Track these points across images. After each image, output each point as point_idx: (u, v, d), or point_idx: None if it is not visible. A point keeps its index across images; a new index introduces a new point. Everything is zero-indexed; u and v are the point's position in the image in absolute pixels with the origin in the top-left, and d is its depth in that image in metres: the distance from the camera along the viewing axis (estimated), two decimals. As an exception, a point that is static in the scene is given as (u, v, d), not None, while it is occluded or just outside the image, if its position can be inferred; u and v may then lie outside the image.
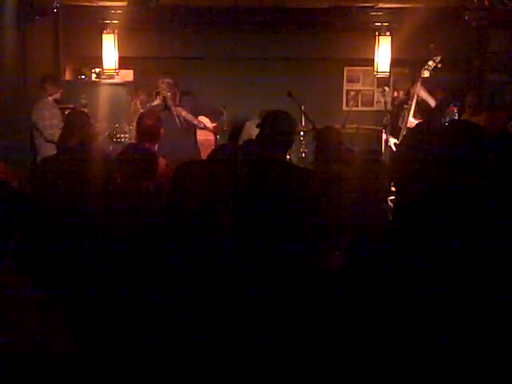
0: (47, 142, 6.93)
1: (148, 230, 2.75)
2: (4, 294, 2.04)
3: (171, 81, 6.61)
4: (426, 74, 6.81)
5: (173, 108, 6.50)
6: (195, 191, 2.57)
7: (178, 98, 6.63)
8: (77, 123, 4.43)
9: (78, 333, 2.13)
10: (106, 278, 2.52)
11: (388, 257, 2.60)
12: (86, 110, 7.04)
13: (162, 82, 6.60)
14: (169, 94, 6.53)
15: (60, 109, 7.91)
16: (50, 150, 6.87)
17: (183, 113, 6.50)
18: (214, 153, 3.99)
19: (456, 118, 7.05)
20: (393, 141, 6.86)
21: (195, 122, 6.62)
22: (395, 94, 7.26)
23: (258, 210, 3.15)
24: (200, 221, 2.51)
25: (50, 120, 6.97)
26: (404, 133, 6.59)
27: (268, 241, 2.80)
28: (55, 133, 6.82)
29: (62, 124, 6.99)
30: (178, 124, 6.42)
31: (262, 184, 3.47)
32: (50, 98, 7.18)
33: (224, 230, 2.57)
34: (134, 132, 6.99)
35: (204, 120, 6.79)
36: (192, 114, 6.62)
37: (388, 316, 2.29)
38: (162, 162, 4.74)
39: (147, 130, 4.82)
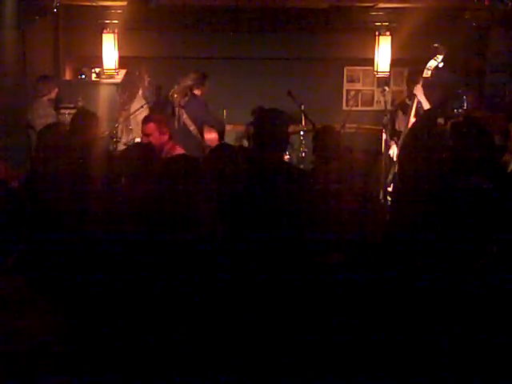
0: None
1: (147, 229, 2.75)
2: (3, 294, 2.04)
3: (191, 82, 6.73)
4: (428, 73, 6.79)
5: (176, 109, 6.60)
6: (177, 186, 2.57)
7: (184, 100, 6.71)
8: (83, 123, 4.43)
9: (77, 333, 2.14)
10: (105, 277, 2.52)
11: (386, 254, 2.61)
12: None
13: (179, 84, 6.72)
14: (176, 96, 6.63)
15: (61, 108, 7.94)
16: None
17: (184, 117, 6.58)
18: (211, 151, 3.98)
19: (463, 107, 7.03)
20: (394, 148, 6.83)
21: (191, 129, 6.69)
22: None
23: (254, 210, 3.13)
24: (181, 217, 2.51)
25: (45, 118, 7.02)
26: (405, 133, 6.58)
27: (265, 240, 2.80)
28: None
29: None
30: (176, 125, 6.51)
31: (257, 185, 3.41)
32: (45, 98, 7.21)
33: (208, 228, 2.56)
34: (136, 132, 7.03)
35: (211, 136, 6.86)
36: (196, 116, 6.69)
37: (386, 312, 2.31)
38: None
39: None
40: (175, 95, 6.69)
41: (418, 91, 6.72)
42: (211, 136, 6.99)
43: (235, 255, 2.54)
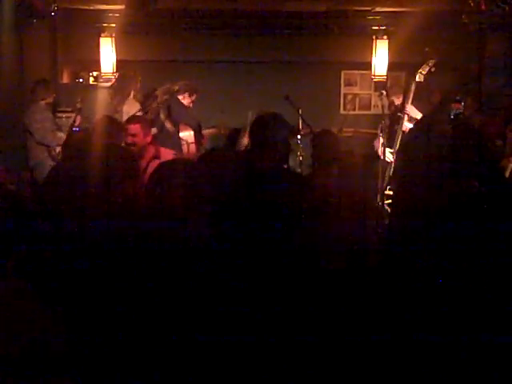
0: (38, 144, 6.97)
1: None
2: (3, 296, 2.05)
3: (177, 87, 6.86)
4: (420, 78, 6.78)
5: (154, 106, 6.75)
6: (171, 191, 2.58)
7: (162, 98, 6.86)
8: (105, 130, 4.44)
9: (77, 334, 2.14)
10: (104, 283, 2.52)
11: (386, 259, 2.62)
12: (78, 116, 7.12)
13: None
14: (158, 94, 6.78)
15: (59, 112, 7.94)
16: (40, 153, 6.92)
17: (162, 115, 6.73)
18: (202, 157, 3.93)
19: (461, 112, 7.04)
20: (388, 151, 6.85)
21: (168, 126, 6.83)
22: (395, 101, 7.22)
23: (252, 216, 3.11)
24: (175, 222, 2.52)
25: (41, 123, 7.02)
26: (399, 138, 6.60)
27: (263, 247, 2.80)
28: (46, 136, 6.87)
29: (54, 127, 7.07)
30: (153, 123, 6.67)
31: (255, 190, 3.38)
32: (43, 102, 7.20)
33: (200, 237, 2.57)
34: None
35: (186, 133, 7.01)
36: (172, 114, 6.81)
37: (384, 317, 2.31)
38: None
39: None
40: (156, 92, 6.83)
41: (411, 109, 6.70)
42: (188, 133, 7.09)
43: (232, 262, 2.55)
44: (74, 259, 2.90)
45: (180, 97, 7.17)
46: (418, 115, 6.66)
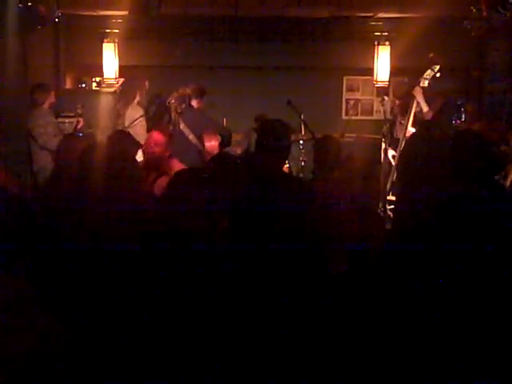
0: (41, 149, 6.99)
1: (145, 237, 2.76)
2: (6, 296, 2.06)
3: (189, 92, 6.85)
4: (425, 83, 6.81)
5: (173, 114, 6.65)
6: (189, 199, 2.61)
7: (181, 106, 6.77)
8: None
9: (78, 335, 2.16)
10: (108, 284, 2.54)
11: (388, 262, 2.63)
12: (81, 119, 7.12)
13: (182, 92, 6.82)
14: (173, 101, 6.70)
15: (61, 117, 7.97)
16: (44, 158, 6.93)
17: (181, 125, 6.65)
18: (212, 160, 3.98)
19: (463, 115, 7.05)
20: (391, 153, 6.87)
21: (190, 137, 6.75)
22: (397, 102, 7.26)
23: (254, 220, 3.13)
24: (195, 228, 2.54)
25: (44, 128, 7.02)
26: (403, 142, 6.61)
27: (265, 251, 2.81)
28: (49, 140, 6.88)
29: (57, 132, 7.07)
30: (171, 130, 6.62)
31: (257, 194, 3.41)
32: (46, 106, 7.20)
33: (221, 237, 2.59)
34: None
35: (211, 144, 6.95)
36: (193, 125, 6.75)
37: (386, 319, 2.32)
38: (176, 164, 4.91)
39: None
40: (172, 101, 6.76)
41: (418, 93, 6.73)
42: (211, 144, 7.03)
43: (235, 266, 2.56)
44: (76, 261, 2.92)
45: (193, 103, 7.13)
46: (424, 105, 6.69)
